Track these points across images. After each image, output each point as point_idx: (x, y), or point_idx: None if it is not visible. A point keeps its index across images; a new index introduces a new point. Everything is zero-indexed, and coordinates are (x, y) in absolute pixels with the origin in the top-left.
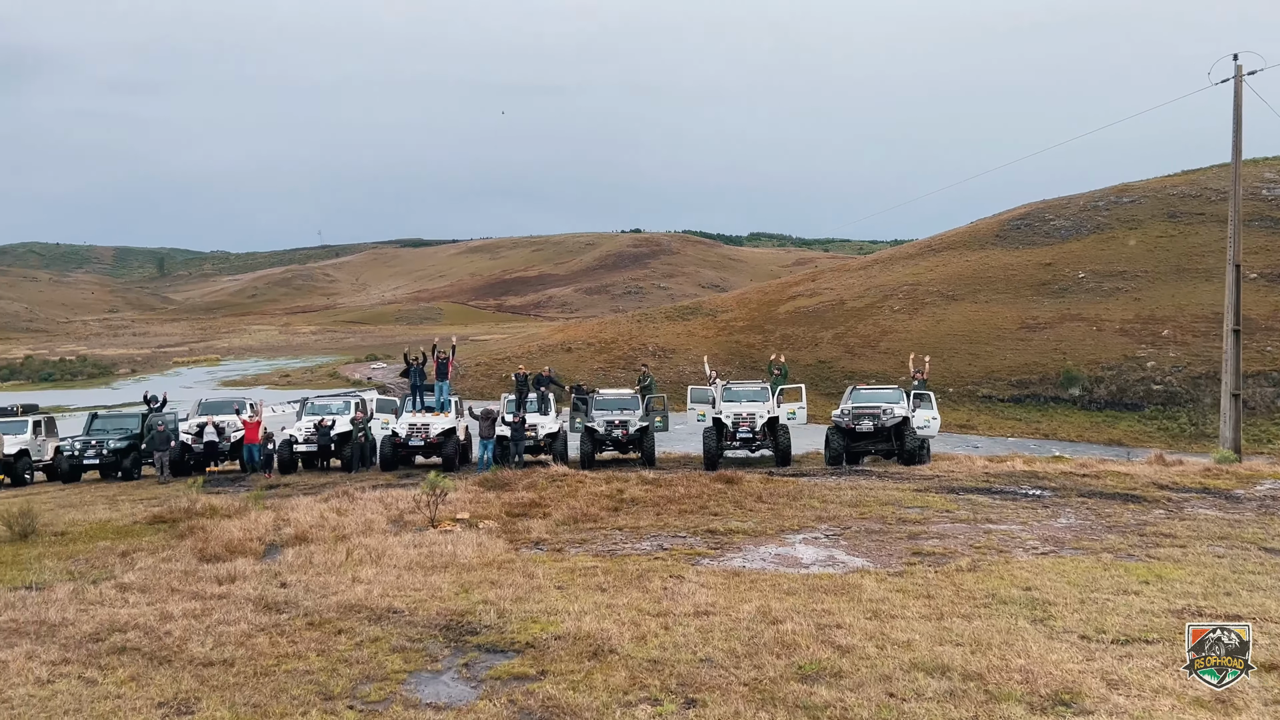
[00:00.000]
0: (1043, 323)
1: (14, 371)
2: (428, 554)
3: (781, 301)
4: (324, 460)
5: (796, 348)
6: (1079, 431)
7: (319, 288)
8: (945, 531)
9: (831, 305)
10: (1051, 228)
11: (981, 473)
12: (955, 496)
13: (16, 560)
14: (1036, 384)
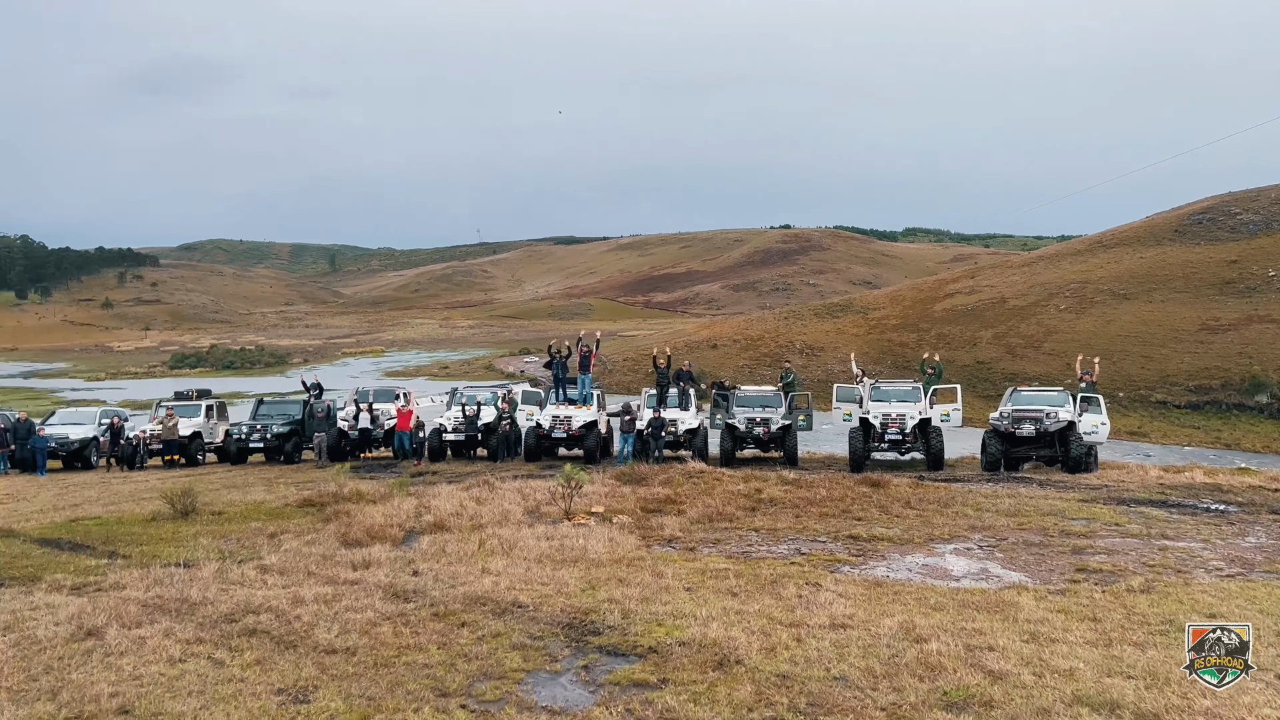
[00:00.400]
0: (1226, 324)
1: (201, 359)
2: (558, 547)
3: (937, 299)
4: (471, 449)
5: (953, 347)
6: (1266, 442)
7: (477, 283)
8: (1114, 547)
9: (992, 303)
10: (1238, 222)
11: (1155, 483)
12: (1125, 509)
13: (175, 537)
14: (1218, 390)
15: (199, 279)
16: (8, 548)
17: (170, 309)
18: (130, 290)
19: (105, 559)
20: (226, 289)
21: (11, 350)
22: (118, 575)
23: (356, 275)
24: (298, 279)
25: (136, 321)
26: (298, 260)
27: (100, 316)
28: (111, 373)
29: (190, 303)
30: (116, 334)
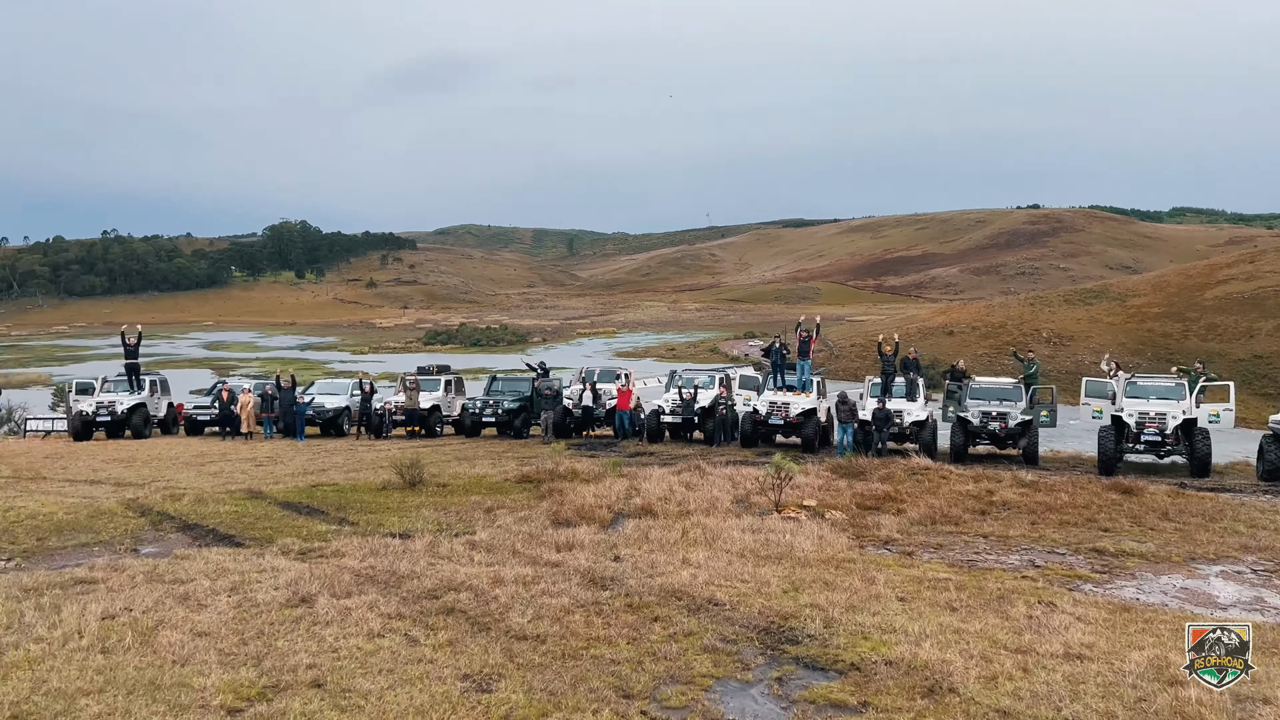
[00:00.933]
0: None
1: (450, 336)
2: (763, 542)
3: (1208, 285)
4: (688, 432)
5: (1225, 340)
6: None
7: (705, 267)
8: None
9: (1274, 291)
10: None
11: None
12: None
13: (401, 507)
14: None
15: (451, 261)
16: (254, 509)
17: (426, 289)
18: (391, 271)
19: (335, 525)
20: (475, 271)
21: (290, 324)
22: (341, 543)
23: (592, 259)
24: (538, 262)
25: (396, 300)
26: (539, 244)
27: (365, 295)
28: (373, 347)
29: (443, 283)
30: (379, 311)
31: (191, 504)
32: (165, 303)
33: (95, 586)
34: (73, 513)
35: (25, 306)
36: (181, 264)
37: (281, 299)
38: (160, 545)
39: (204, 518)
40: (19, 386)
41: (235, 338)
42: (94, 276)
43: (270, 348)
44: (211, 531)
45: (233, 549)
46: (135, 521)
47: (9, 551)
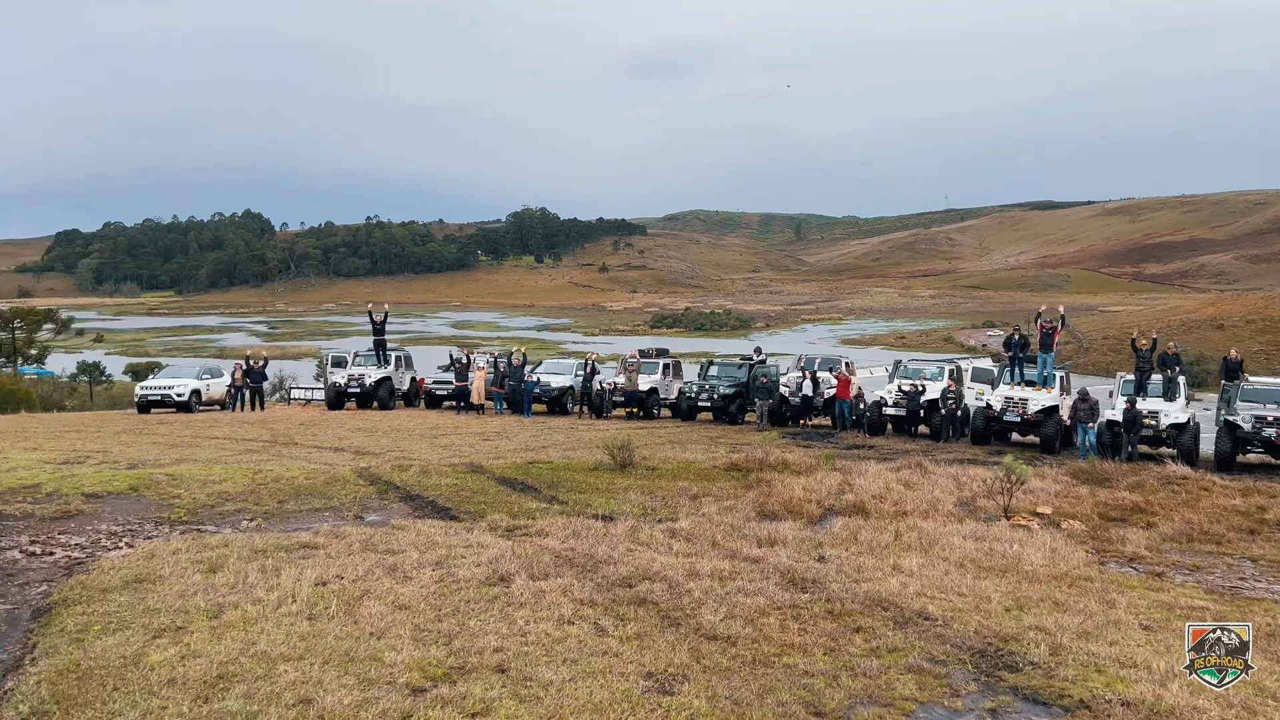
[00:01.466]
0: None
1: (676, 320)
2: (986, 551)
3: None
4: (913, 426)
5: None
6: None
7: (941, 251)
8: None
9: None
10: None
11: None
12: None
13: (610, 488)
14: None
15: (679, 247)
16: (473, 483)
17: (654, 274)
18: (622, 256)
19: (545, 503)
20: (702, 256)
21: (529, 306)
22: (546, 522)
23: (820, 243)
24: (765, 247)
25: (626, 284)
26: (766, 229)
27: (597, 279)
28: (603, 329)
29: (670, 268)
30: (609, 295)
31: (417, 475)
32: (418, 284)
33: (315, 552)
34: (311, 478)
35: (300, 286)
36: (434, 248)
37: (521, 282)
38: (382, 514)
39: (426, 489)
40: (293, 358)
41: (480, 317)
42: (358, 259)
43: (510, 327)
44: (431, 503)
45: (445, 522)
46: (364, 490)
47: (253, 513)
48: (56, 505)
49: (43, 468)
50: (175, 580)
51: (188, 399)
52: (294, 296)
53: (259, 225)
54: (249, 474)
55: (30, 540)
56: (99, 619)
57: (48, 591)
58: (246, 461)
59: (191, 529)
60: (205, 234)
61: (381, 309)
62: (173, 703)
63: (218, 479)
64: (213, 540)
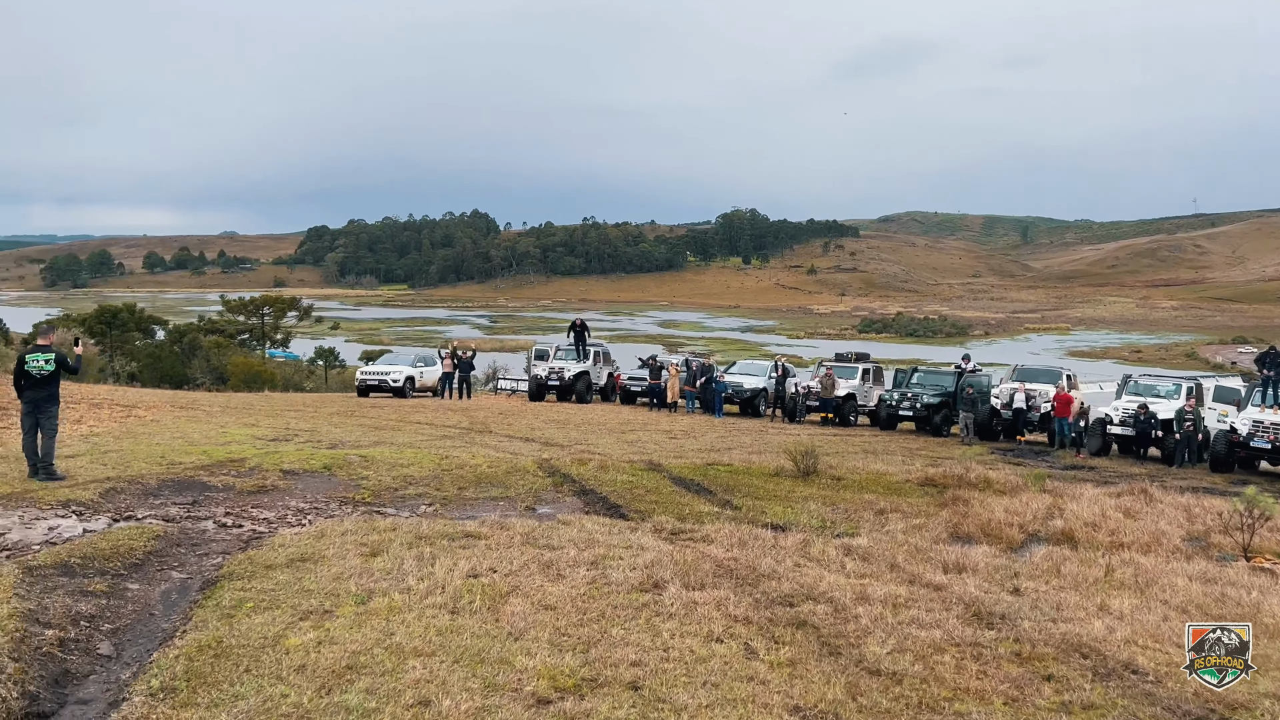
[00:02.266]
0: None
1: (886, 325)
2: (1217, 597)
3: None
4: (1142, 448)
5: None
6: None
7: (1186, 259)
8: None
9: None
10: None
11: None
12: None
13: (789, 496)
14: None
15: (893, 249)
16: (648, 481)
17: (865, 277)
18: (832, 258)
19: (718, 507)
20: (917, 259)
21: (735, 307)
22: (713, 527)
23: (1048, 248)
24: (987, 251)
25: (834, 287)
26: (989, 232)
27: (805, 281)
28: (809, 332)
29: (883, 271)
30: (817, 298)
31: (595, 470)
32: (628, 283)
33: (476, 542)
34: (494, 467)
35: (520, 283)
36: (645, 248)
37: (728, 283)
38: (554, 506)
39: (601, 484)
40: (511, 350)
41: (685, 317)
42: (574, 258)
43: (715, 328)
44: (602, 499)
45: (612, 520)
46: (542, 481)
47: (433, 498)
48: (255, 480)
49: (254, 443)
50: (335, 562)
51: (402, 385)
52: (514, 292)
53: (485, 224)
54: (437, 459)
55: (225, 512)
56: (254, 596)
57: (220, 564)
58: (439, 447)
59: (372, 510)
60: (437, 232)
61: (580, 318)
62: (295, 691)
63: (406, 462)
64: (383, 524)
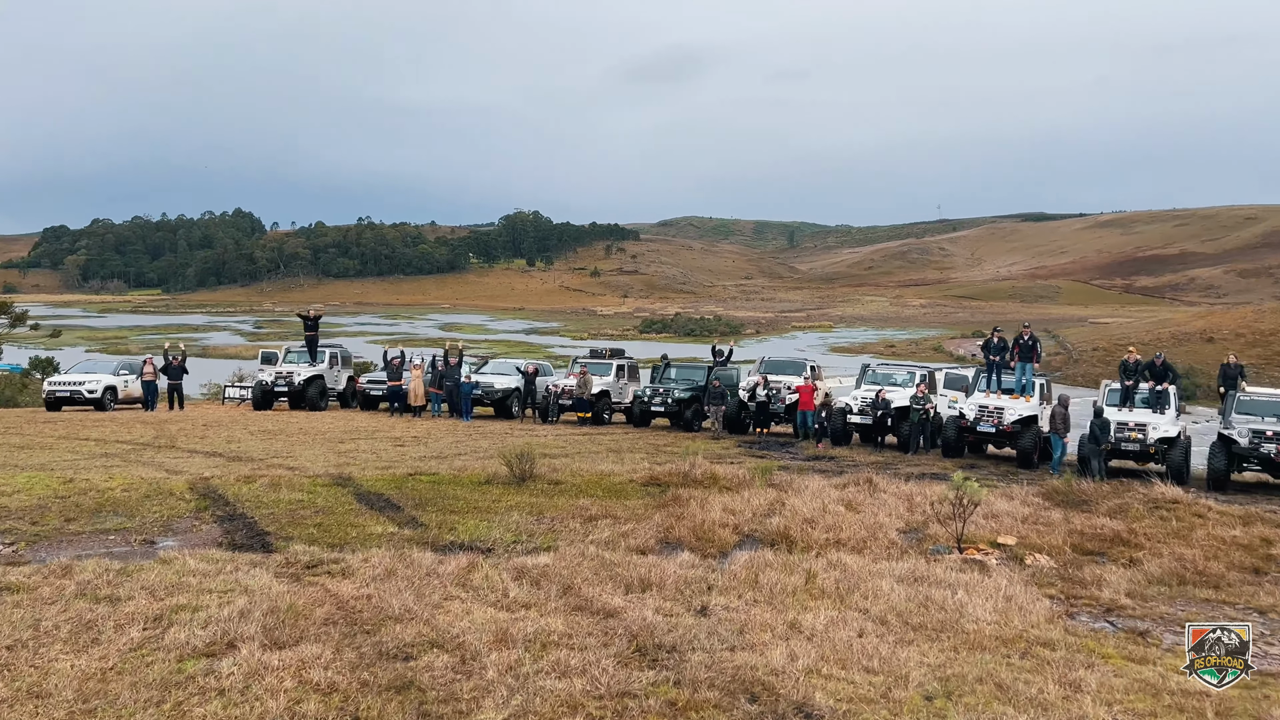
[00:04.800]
0: None
1: (666, 325)
2: (922, 602)
3: None
4: (880, 436)
5: None
6: None
7: (933, 261)
8: None
9: None
10: None
11: None
12: None
13: (493, 507)
14: None
15: (672, 252)
16: (326, 498)
17: (646, 279)
18: (614, 261)
19: (398, 526)
20: (694, 262)
21: (519, 309)
22: (363, 555)
23: (813, 252)
24: (758, 254)
25: (617, 289)
26: (759, 236)
27: (589, 283)
28: (593, 333)
29: (662, 274)
30: (600, 299)
31: (262, 489)
32: (408, 285)
33: (17, 596)
34: (131, 491)
35: (288, 286)
36: (425, 250)
37: (512, 285)
38: (182, 539)
39: (259, 507)
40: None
41: (468, 320)
42: (348, 259)
43: (499, 330)
44: (249, 525)
45: (236, 553)
46: (184, 506)
47: (20, 534)
48: None
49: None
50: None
51: (100, 396)
52: (282, 296)
53: (249, 224)
54: (59, 484)
55: None
56: None
57: None
58: (83, 468)
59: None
60: (195, 232)
61: (316, 307)
62: None
63: (13, 489)
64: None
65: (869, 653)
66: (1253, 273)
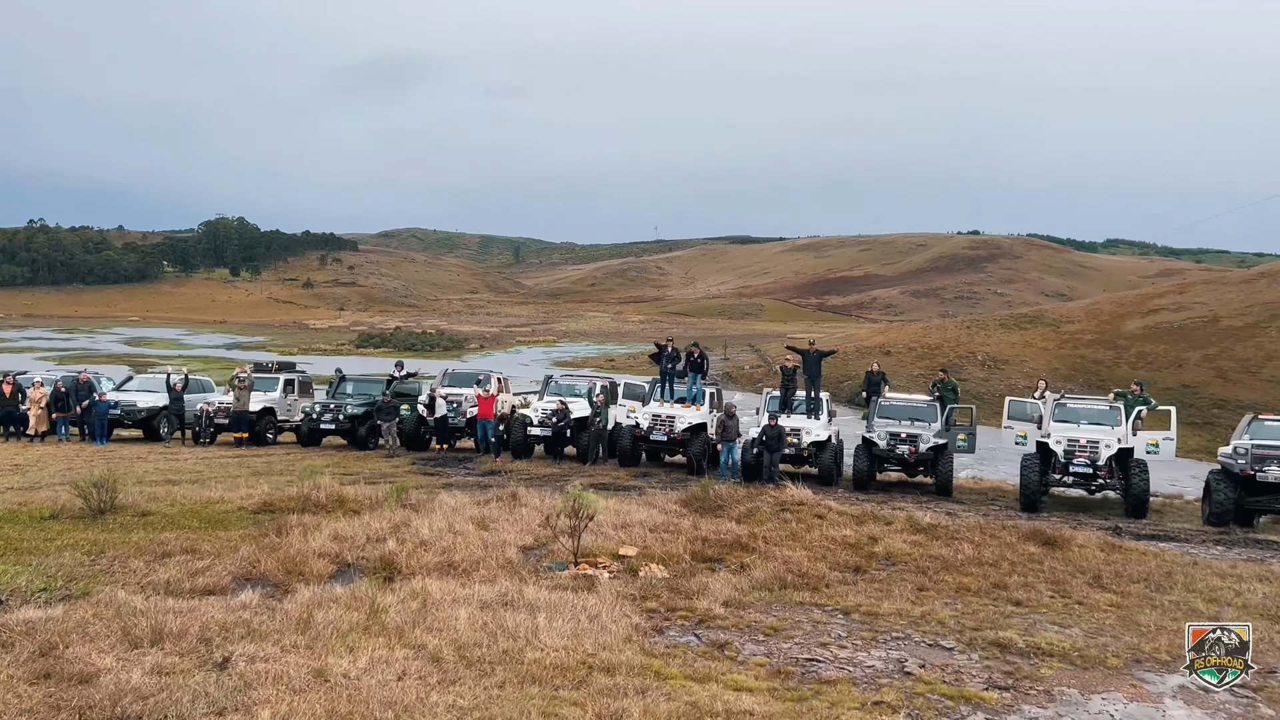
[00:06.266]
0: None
1: (385, 340)
2: (494, 629)
3: (1139, 314)
4: (561, 447)
5: (1155, 368)
6: None
7: (651, 279)
8: None
9: (1202, 322)
10: None
11: None
12: None
13: (39, 548)
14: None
15: (393, 264)
16: None
17: (364, 291)
18: (330, 272)
19: None
20: (417, 275)
21: (221, 323)
22: None
23: (538, 267)
24: (484, 269)
25: (333, 301)
26: (485, 251)
27: (301, 295)
28: (303, 348)
29: (383, 286)
30: (314, 312)
31: None
32: (90, 295)
33: None
34: None
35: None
36: (110, 256)
37: (214, 296)
38: None
39: None
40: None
41: (160, 334)
42: (16, 266)
43: (196, 345)
44: None
45: None
46: None
47: None
48: None
49: None
50: None
51: None
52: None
53: None
54: None
55: None
56: None
57: None
58: None
59: None
60: None
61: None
62: None
63: None
64: None
65: (393, 700)
66: (924, 293)
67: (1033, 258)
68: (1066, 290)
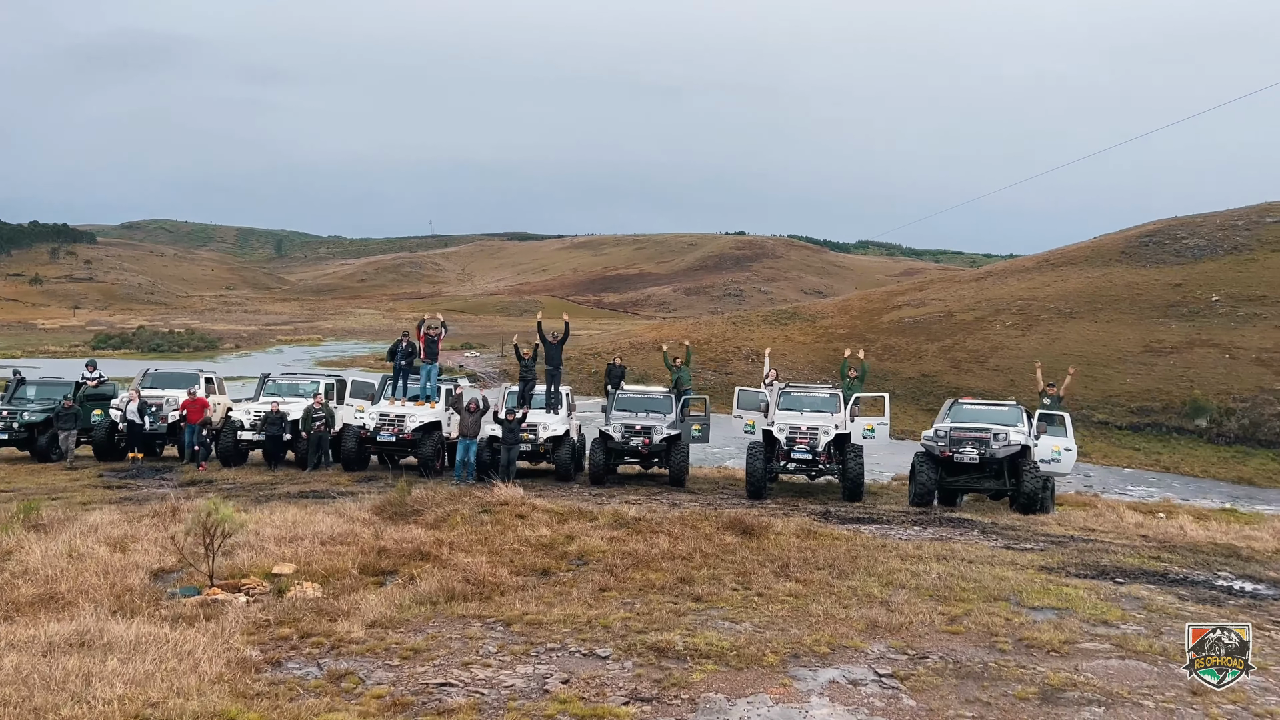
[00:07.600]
0: (1169, 347)
1: (125, 341)
2: (38, 682)
3: (886, 310)
4: (278, 452)
5: (899, 359)
6: (1204, 467)
7: (426, 276)
8: (1113, 678)
9: (939, 317)
10: (1183, 246)
11: (1136, 534)
12: (1112, 587)
13: None
14: (1159, 412)
15: (137, 259)
16: None
17: (103, 288)
18: (63, 267)
19: None
20: (166, 270)
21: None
22: None
23: (303, 262)
24: (242, 263)
25: (66, 299)
26: (244, 245)
27: (28, 293)
28: (30, 351)
29: (125, 282)
30: (43, 311)
31: None
32: None
33: None
34: None
35: None
36: None
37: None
38: None
39: None
40: None
41: None
42: None
43: None
44: None
45: None
46: None
47: None
48: None
49: None
50: None
51: None
52: None
53: None
54: None
55: None
56: None
57: None
58: None
59: None
60: None
61: None
62: None
63: None
64: None
65: None
66: (695, 290)
67: (793, 257)
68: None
